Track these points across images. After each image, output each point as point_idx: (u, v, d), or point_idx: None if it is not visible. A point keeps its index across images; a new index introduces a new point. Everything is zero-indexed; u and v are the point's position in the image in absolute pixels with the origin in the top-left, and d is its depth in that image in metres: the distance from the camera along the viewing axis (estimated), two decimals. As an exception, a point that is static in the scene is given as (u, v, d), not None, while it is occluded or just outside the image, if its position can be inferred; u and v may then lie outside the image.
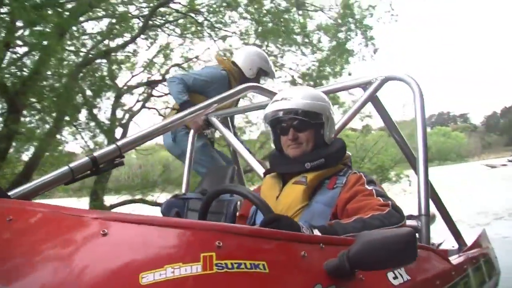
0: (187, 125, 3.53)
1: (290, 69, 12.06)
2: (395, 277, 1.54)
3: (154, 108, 12.25)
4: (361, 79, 2.98)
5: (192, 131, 3.47)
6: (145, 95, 12.29)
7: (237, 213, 2.45)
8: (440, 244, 3.36)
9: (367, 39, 11.42)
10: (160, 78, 12.15)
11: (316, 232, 1.59)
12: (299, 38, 11.50)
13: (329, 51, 11.62)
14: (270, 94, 3.18)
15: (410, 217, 2.26)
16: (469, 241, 3.24)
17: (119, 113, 11.81)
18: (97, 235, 1.08)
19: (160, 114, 12.44)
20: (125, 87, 11.58)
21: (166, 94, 12.44)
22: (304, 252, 1.23)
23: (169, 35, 11.85)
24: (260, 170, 2.68)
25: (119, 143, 2.25)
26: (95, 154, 2.13)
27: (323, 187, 2.04)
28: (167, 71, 12.28)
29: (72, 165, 2.04)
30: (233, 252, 1.09)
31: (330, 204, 1.97)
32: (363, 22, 11.31)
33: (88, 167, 2.07)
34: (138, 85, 11.78)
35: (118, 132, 11.42)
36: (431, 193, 2.50)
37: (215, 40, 11.79)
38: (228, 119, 3.57)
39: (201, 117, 3.14)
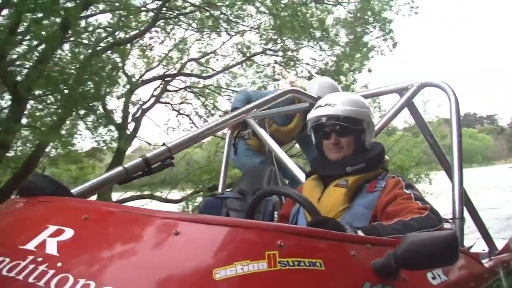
0: (248, 142, 3.64)
1: (308, 64, 11.80)
2: (434, 277, 1.62)
3: (169, 103, 12.08)
4: (398, 84, 3.12)
5: (229, 132, 3.57)
6: (160, 89, 12.11)
7: (276, 213, 2.52)
8: (471, 247, 3.39)
9: (386, 32, 11.06)
10: (175, 72, 12.01)
11: (360, 233, 1.71)
12: (317, 33, 11.24)
13: (347, 46, 11.28)
14: (310, 98, 3.29)
15: (446, 221, 2.28)
16: (499, 245, 3.31)
17: (133, 109, 11.74)
18: (170, 234, 1.15)
19: (174, 109, 12.30)
20: (139, 81, 11.42)
21: (181, 89, 12.30)
22: (354, 252, 1.32)
23: (186, 29, 11.73)
24: (297, 171, 2.72)
25: (169, 144, 2.38)
26: (147, 155, 2.27)
27: (363, 190, 2.12)
28: (183, 66, 12.13)
29: (126, 165, 2.19)
30: (293, 251, 1.17)
31: (370, 207, 2.06)
32: (381, 15, 10.94)
33: (141, 167, 2.22)
34: (153, 78, 11.58)
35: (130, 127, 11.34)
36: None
37: (231, 36, 11.64)
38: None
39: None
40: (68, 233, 1.21)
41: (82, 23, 9.10)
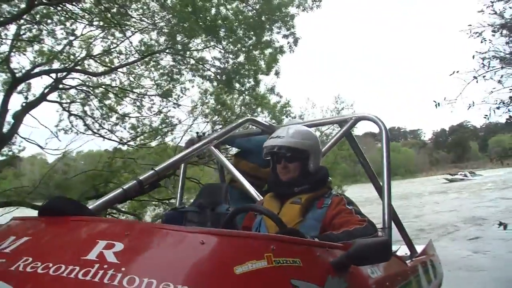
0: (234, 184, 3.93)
1: (209, 64, 11.16)
2: (372, 272, 2.18)
3: (57, 102, 10.98)
4: (339, 117, 3.82)
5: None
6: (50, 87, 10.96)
7: (237, 225, 2.74)
8: (396, 251, 3.85)
9: (287, 27, 10.63)
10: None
11: (317, 240, 2.14)
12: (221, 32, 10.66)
13: (247, 46, 10.72)
14: (265, 127, 3.82)
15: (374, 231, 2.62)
16: (419, 249, 3.99)
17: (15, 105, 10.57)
18: (198, 244, 1.50)
19: (64, 109, 11.23)
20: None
21: (73, 87, 11.27)
22: (319, 253, 1.79)
23: (86, 25, 10.75)
24: (252, 190, 3.21)
25: (157, 168, 2.85)
26: (140, 177, 2.74)
27: (314, 207, 2.56)
28: (76, 63, 11.10)
29: (124, 186, 2.62)
30: (281, 252, 1.60)
31: (319, 220, 2.49)
32: (282, 10, 10.55)
33: (136, 188, 2.65)
34: (39, 73, 10.41)
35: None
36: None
37: (133, 33, 10.86)
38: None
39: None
40: (119, 246, 1.48)
41: None
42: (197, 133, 4.36)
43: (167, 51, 11.16)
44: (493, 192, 28.51)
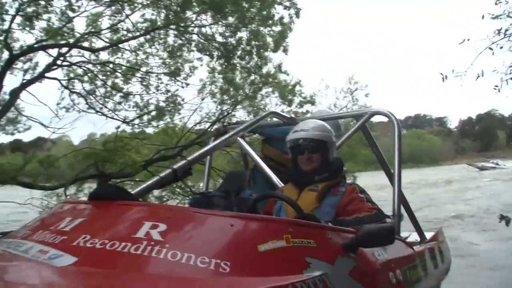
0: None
1: (211, 40, 10.69)
2: (379, 255, 2.32)
3: (56, 79, 10.63)
4: (355, 111, 4.17)
5: (212, 139, 4.26)
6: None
7: (260, 209, 3.00)
8: (407, 237, 4.01)
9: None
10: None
11: (330, 224, 2.40)
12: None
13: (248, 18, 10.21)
14: (286, 119, 4.08)
15: (388, 216, 2.95)
16: (428, 236, 4.13)
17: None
18: (228, 225, 1.78)
19: (63, 86, 10.89)
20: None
21: (73, 64, 10.90)
22: (331, 236, 2.03)
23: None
24: (274, 177, 3.41)
25: (189, 158, 3.09)
26: (175, 166, 2.92)
27: (329, 194, 2.86)
28: (79, 39, 10.72)
29: (161, 174, 2.84)
30: (297, 234, 1.84)
31: (334, 206, 2.80)
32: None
33: (171, 176, 2.86)
34: (36, 48, 10.05)
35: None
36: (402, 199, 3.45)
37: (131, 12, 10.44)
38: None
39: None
40: (162, 226, 1.73)
41: None
42: (223, 122, 4.77)
43: (171, 26, 10.67)
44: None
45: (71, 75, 11.39)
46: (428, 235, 4.21)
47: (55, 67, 10.68)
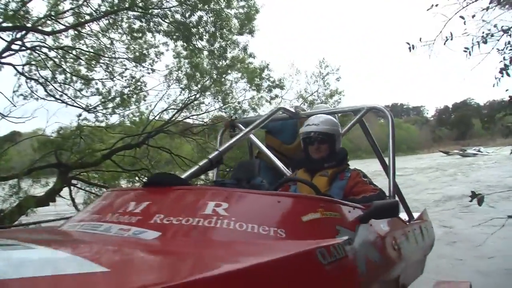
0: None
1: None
2: (383, 227, 2.83)
3: (10, 64, 10.05)
4: (354, 107, 4.42)
5: (221, 130, 4.95)
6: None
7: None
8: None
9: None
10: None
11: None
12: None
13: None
14: (292, 113, 4.43)
15: (385, 197, 3.34)
16: (415, 215, 4.64)
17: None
18: (276, 202, 2.21)
19: (19, 72, 10.32)
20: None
21: (29, 48, 10.32)
22: (349, 210, 2.50)
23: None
24: (282, 166, 4.04)
25: (220, 149, 3.49)
26: (210, 156, 3.34)
27: (337, 179, 3.33)
28: (35, 23, 10.16)
29: (200, 163, 3.26)
30: (327, 208, 2.30)
31: (342, 189, 3.25)
32: None
33: (208, 165, 3.29)
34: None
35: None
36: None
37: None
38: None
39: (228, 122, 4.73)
40: (225, 205, 2.09)
41: None
42: (231, 116, 5.25)
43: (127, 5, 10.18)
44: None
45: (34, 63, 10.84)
46: (415, 215, 4.68)
47: (10, 52, 10.11)
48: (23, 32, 9.98)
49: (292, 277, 1.62)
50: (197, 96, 12.46)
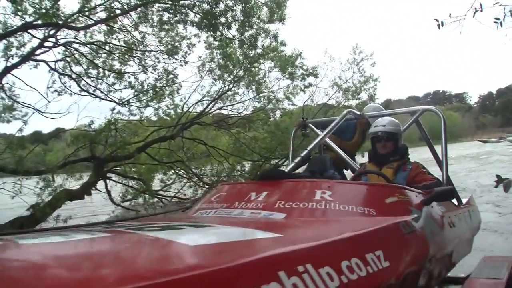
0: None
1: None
2: (441, 208, 3.30)
3: (43, 61, 10.17)
4: (410, 109, 4.93)
5: (294, 129, 5.44)
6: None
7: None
8: None
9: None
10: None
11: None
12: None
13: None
14: (358, 115, 4.98)
15: (442, 184, 3.91)
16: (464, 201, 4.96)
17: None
18: (365, 189, 2.83)
19: (52, 69, 10.42)
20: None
21: (61, 45, 10.41)
22: (416, 195, 2.94)
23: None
24: (351, 161, 4.53)
25: (309, 147, 4.09)
26: (302, 154, 4.00)
27: (401, 170, 3.92)
28: (67, 20, 10.24)
29: (295, 160, 3.98)
30: (401, 194, 2.80)
31: (405, 178, 3.82)
32: None
33: (302, 160, 3.98)
34: (18, 29, 9.57)
35: None
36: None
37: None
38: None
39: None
40: (328, 193, 2.64)
41: None
42: (303, 118, 5.47)
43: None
44: None
45: (68, 59, 10.97)
46: (464, 200, 4.97)
47: (44, 49, 10.24)
48: (56, 29, 10.11)
49: (385, 241, 2.28)
50: (230, 86, 12.37)
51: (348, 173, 5.13)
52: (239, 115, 13.08)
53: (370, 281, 1.88)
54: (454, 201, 4.73)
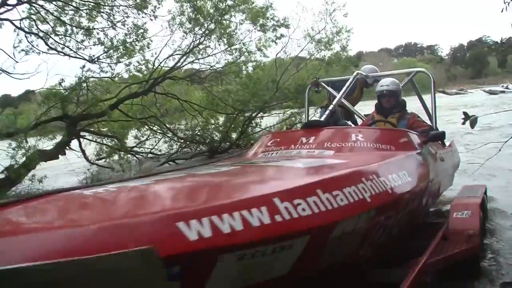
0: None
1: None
2: (434, 147, 4.68)
3: (7, 19, 9.73)
4: (405, 71, 6.26)
5: (308, 87, 6.67)
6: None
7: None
8: None
9: None
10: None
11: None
12: None
13: None
14: (366, 77, 6.21)
15: (433, 130, 5.06)
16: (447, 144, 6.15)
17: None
18: (385, 133, 4.30)
19: (17, 27, 10.00)
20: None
21: (25, 2, 10.00)
22: (417, 137, 4.29)
23: None
24: (355, 110, 5.93)
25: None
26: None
27: (402, 119, 5.04)
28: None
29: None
30: (403, 134, 4.21)
31: (405, 126, 4.87)
32: None
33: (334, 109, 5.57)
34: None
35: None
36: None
37: None
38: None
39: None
40: (360, 135, 3.91)
41: None
42: (315, 78, 6.46)
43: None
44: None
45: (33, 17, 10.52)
46: (446, 143, 6.05)
47: (7, 7, 9.83)
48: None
49: (406, 165, 3.41)
50: (202, 40, 12.24)
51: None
52: (211, 68, 12.99)
53: (404, 187, 3.06)
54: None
